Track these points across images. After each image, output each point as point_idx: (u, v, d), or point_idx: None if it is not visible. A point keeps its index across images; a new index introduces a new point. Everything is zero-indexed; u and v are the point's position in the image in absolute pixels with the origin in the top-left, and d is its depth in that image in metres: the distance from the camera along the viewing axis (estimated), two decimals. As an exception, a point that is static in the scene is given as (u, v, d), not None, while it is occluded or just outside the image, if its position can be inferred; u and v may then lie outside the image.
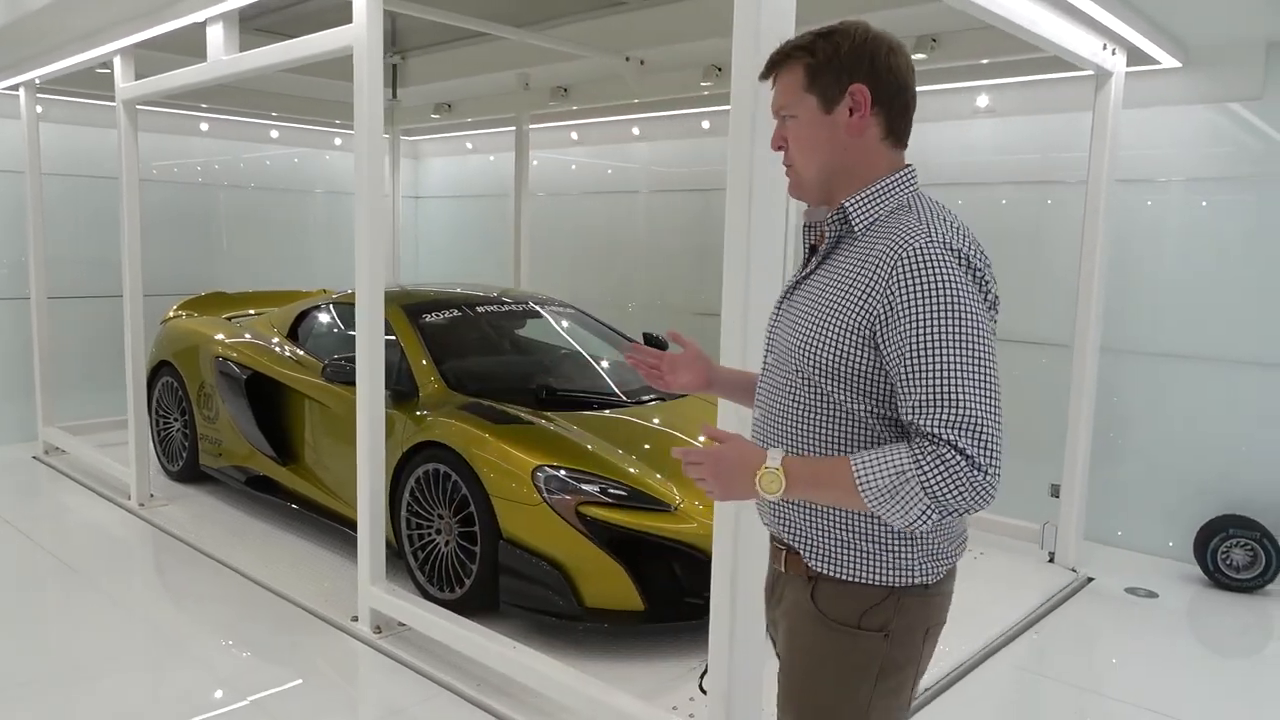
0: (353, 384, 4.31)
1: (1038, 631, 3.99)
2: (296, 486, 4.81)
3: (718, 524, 2.48)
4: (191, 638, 3.73)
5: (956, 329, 1.39)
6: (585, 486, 3.61)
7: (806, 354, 1.55)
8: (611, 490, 3.62)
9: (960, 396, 1.37)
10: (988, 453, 1.36)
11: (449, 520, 3.88)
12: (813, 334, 1.54)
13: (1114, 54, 4.18)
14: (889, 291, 1.44)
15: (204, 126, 7.55)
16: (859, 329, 1.48)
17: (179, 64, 4.60)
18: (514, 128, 7.16)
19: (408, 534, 4.04)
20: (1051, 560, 4.62)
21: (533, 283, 7.22)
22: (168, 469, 5.75)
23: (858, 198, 1.57)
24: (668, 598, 3.56)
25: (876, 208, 1.56)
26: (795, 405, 1.59)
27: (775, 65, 1.64)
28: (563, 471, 3.63)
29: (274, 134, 8.04)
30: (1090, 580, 4.53)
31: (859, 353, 1.49)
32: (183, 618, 3.98)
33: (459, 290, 5.21)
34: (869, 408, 1.51)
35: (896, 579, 1.55)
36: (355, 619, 3.77)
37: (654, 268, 7.35)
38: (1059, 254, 5.03)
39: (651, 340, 5.42)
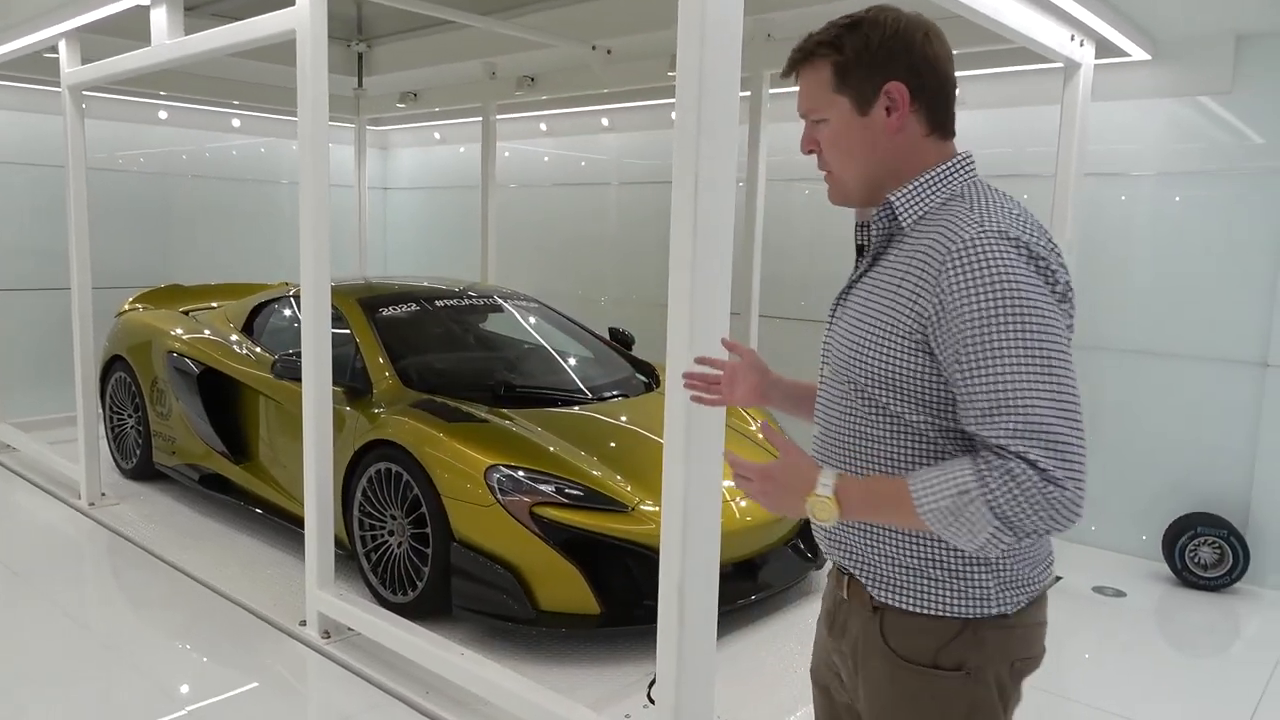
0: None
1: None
2: (250, 486, 4.69)
3: (665, 528, 2.38)
4: (138, 645, 3.60)
5: (1018, 326, 1.25)
6: (541, 486, 3.51)
7: (859, 363, 1.43)
8: (568, 490, 3.53)
9: (1027, 401, 1.23)
10: (1064, 462, 1.22)
11: (401, 521, 3.77)
12: (863, 341, 1.42)
13: (1082, 45, 4.11)
14: (939, 289, 1.31)
15: (163, 115, 7.37)
16: (910, 332, 1.35)
17: (132, 50, 4.46)
18: (481, 118, 7.02)
19: (360, 535, 3.92)
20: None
21: (501, 277, 7.10)
22: (121, 466, 5.61)
23: (904, 191, 1.44)
24: (624, 601, 3.47)
25: (926, 200, 1.43)
26: (853, 419, 1.47)
27: (797, 63, 1.51)
28: (519, 472, 3.53)
29: (235, 123, 7.86)
30: (1058, 579, 4.48)
31: (911, 358, 1.36)
32: (130, 623, 3.85)
33: (424, 284, 5.09)
34: (927, 419, 1.38)
35: (970, 609, 1.40)
36: (303, 624, 3.66)
37: (625, 260, 7.25)
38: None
39: (617, 335, 5.34)
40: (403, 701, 3.17)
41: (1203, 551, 4.44)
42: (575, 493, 3.53)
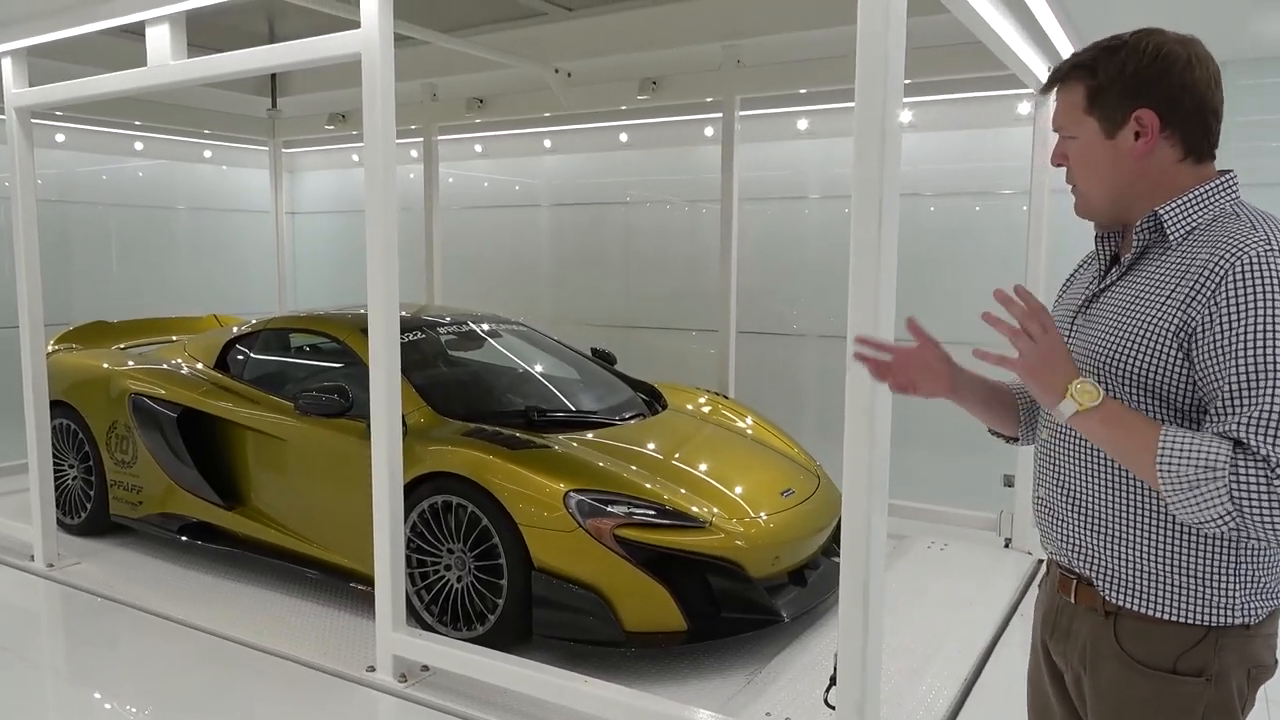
0: (331, 416, 4.03)
1: (1021, 613, 4.25)
2: (249, 531, 4.39)
3: (846, 529, 2.48)
4: (188, 713, 3.28)
5: None
6: (616, 509, 3.52)
7: (1114, 364, 1.46)
8: (641, 510, 3.55)
9: None
10: None
11: (462, 555, 3.66)
12: (1121, 343, 1.46)
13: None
14: (1216, 299, 1.34)
15: (59, 138, 6.75)
16: (1174, 337, 1.39)
17: (76, 73, 4.11)
18: (419, 140, 6.85)
19: (409, 573, 3.77)
20: (1008, 546, 4.93)
21: (443, 300, 6.94)
22: (64, 523, 5.08)
23: (1174, 205, 1.47)
24: (706, 615, 3.52)
25: (1195, 215, 1.46)
26: None
27: (1055, 81, 1.56)
28: (595, 495, 3.52)
29: (138, 145, 7.30)
30: (1041, 561, 4.87)
31: (1170, 362, 1.40)
32: (165, 689, 3.45)
33: (404, 314, 4.92)
34: (1174, 421, 1.42)
35: (1215, 618, 1.41)
36: (372, 669, 3.48)
37: (558, 282, 7.26)
38: (1010, 260, 5.40)
39: (599, 354, 5.36)
40: (516, 737, 3.10)
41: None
42: (649, 512, 3.55)
